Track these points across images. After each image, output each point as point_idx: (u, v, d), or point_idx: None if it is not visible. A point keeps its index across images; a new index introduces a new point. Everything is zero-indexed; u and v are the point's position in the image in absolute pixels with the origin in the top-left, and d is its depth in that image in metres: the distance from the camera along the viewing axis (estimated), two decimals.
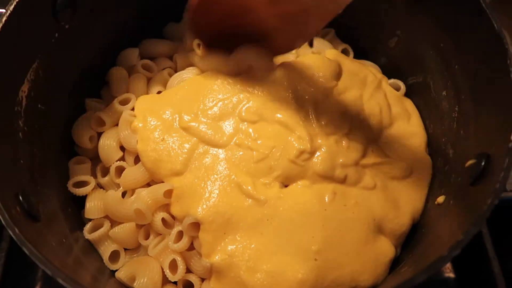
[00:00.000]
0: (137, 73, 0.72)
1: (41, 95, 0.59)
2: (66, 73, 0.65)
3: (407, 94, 0.73)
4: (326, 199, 0.58)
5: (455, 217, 0.50)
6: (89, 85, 0.71)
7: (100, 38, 0.69)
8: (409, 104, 0.71)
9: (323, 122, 0.62)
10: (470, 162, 0.51)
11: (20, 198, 0.46)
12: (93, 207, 0.62)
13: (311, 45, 0.75)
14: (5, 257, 0.63)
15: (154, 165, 0.60)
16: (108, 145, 0.65)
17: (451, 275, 0.69)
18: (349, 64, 0.69)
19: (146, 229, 0.61)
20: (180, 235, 0.58)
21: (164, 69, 0.73)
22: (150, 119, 0.63)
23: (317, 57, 0.67)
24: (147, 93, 0.70)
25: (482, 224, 0.40)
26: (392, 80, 0.73)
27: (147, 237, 0.61)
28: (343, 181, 0.59)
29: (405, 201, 0.63)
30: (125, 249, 0.62)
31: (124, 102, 0.68)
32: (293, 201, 0.58)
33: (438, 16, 0.62)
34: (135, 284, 0.56)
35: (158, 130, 0.62)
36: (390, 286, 0.47)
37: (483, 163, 0.47)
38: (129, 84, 0.70)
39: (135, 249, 0.63)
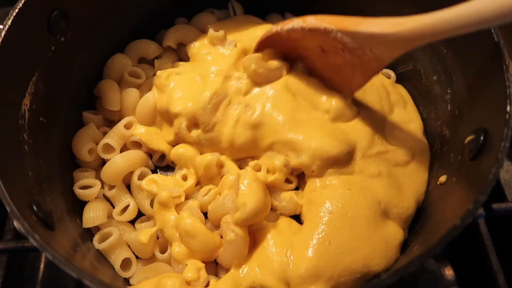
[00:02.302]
0: (128, 83, 0.72)
1: (42, 107, 0.59)
2: (64, 85, 0.65)
3: (398, 82, 0.75)
4: (328, 183, 0.60)
5: (460, 192, 0.52)
6: (86, 96, 0.72)
7: (94, 48, 0.70)
8: (403, 91, 0.73)
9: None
10: (469, 138, 0.53)
11: (34, 208, 0.46)
12: (90, 217, 0.62)
13: None
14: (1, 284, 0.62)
15: None
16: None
17: None
18: None
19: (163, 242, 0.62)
20: None
21: (153, 75, 0.73)
22: None
23: None
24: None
25: (488, 193, 0.42)
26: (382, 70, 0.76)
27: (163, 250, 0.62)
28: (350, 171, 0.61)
29: (408, 185, 0.64)
30: (136, 258, 0.62)
31: (129, 126, 0.69)
32: None
33: (422, 6, 0.64)
34: None
35: None
36: (403, 264, 0.48)
37: (482, 138, 0.49)
38: (122, 97, 0.71)
39: (148, 259, 0.62)
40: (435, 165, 0.65)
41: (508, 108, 0.46)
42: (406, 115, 0.71)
